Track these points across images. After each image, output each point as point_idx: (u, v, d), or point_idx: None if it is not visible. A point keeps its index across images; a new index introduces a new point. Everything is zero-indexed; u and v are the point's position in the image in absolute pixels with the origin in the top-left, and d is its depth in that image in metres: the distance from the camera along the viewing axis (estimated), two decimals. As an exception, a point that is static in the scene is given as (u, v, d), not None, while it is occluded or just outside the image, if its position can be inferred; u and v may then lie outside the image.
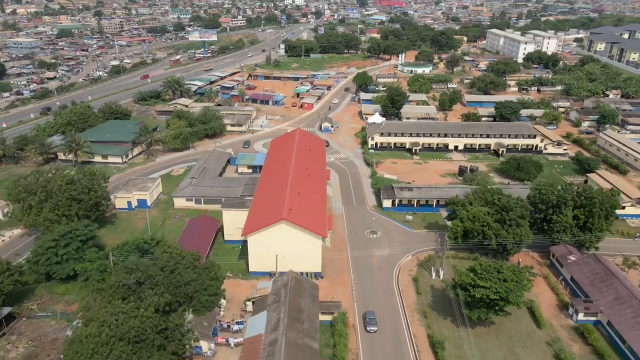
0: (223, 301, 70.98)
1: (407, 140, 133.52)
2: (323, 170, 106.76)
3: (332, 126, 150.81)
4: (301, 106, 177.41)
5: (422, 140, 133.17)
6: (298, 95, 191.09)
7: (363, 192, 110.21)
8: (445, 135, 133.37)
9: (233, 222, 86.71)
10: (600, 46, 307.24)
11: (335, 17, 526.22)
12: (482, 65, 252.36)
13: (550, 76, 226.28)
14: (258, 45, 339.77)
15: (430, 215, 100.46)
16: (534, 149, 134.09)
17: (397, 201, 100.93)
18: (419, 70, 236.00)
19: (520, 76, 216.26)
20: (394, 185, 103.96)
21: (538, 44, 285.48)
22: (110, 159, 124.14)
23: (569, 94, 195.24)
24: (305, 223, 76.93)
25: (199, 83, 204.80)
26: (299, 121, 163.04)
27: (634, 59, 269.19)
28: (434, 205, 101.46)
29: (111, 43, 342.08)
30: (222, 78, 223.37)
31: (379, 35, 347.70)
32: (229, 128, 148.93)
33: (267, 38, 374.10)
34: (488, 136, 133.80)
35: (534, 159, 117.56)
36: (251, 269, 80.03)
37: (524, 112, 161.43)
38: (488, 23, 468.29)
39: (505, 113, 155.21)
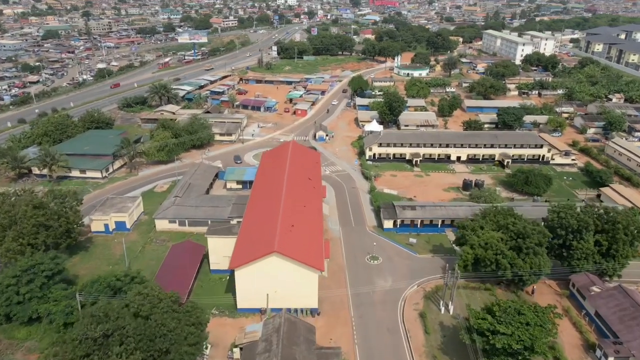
0: (207, 348, 62.07)
1: (407, 151, 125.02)
2: (318, 187, 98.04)
3: (327, 135, 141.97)
4: (294, 112, 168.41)
5: (422, 150, 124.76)
6: (291, 100, 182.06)
7: (362, 209, 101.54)
8: (447, 146, 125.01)
9: (219, 250, 77.71)
10: (598, 47, 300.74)
11: (329, 17, 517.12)
12: (480, 67, 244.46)
13: (550, 79, 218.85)
14: (250, 46, 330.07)
15: (435, 236, 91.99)
16: (540, 159, 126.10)
17: (399, 221, 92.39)
18: (416, 74, 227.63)
19: (520, 79, 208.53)
20: (395, 203, 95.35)
21: (535, 45, 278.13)
22: (89, 174, 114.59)
23: (571, 98, 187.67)
24: (300, 255, 68.11)
25: (188, 88, 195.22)
26: (293, 129, 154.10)
27: (633, 60, 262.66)
28: (439, 225, 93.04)
29: (99, 45, 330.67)
30: (212, 82, 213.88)
31: (373, 37, 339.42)
32: (217, 138, 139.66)
33: (259, 39, 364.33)
34: (492, 146, 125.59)
35: (543, 172, 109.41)
36: (239, 305, 71.09)
37: (527, 119, 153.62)
38: (482, 23, 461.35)
39: (508, 120, 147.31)
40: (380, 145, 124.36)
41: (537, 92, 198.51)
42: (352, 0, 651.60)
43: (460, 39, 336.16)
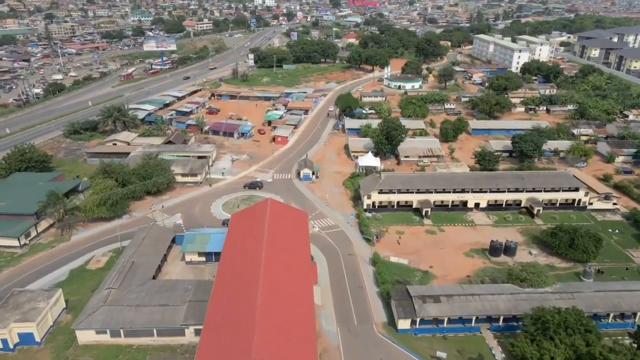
0: None
1: (414, 199, 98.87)
2: (307, 267, 71.35)
3: (313, 173, 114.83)
4: (273, 139, 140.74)
5: (433, 197, 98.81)
6: (269, 123, 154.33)
7: (365, 295, 74.87)
8: (463, 191, 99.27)
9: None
10: (595, 52, 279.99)
11: (308, 19, 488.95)
12: (476, 77, 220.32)
13: (555, 91, 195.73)
14: (224, 52, 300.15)
15: (468, 340, 66.12)
16: (576, 204, 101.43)
17: (418, 319, 66.26)
18: (408, 86, 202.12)
19: (526, 92, 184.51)
20: (411, 291, 69.00)
21: (532, 51, 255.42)
22: (3, 242, 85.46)
23: (583, 115, 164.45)
24: None
25: (150, 107, 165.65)
26: (271, 163, 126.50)
27: (635, 67, 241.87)
28: (473, 323, 67.25)
29: (58, 51, 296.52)
30: (179, 99, 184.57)
31: (357, 41, 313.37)
32: (179, 179, 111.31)
33: (235, 44, 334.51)
34: (517, 189, 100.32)
35: (592, 232, 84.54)
36: None
37: (546, 145, 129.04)
38: (467, 25, 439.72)
39: (526, 149, 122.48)
40: (381, 192, 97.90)
41: (544, 107, 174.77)
42: (332, 1, 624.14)
43: (449, 43, 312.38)
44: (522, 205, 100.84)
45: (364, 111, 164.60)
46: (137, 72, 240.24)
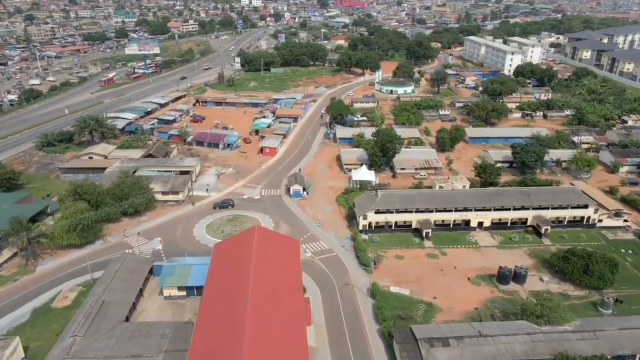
0: None
1: (413, 218, 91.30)
2: (300, 305, 63.31)
3: (304, 189, 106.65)
4: (261, 151, 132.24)
5: (434, 216, 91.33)
6: (257, 132, 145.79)
7: (364, 334, 66.90)
8: (466, 209, 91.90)
9: None
10: (586, 54, 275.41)
11: (296, 20, 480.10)
12: (469, 81, 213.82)
13: (550, 95, 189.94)
14: (210, 55, 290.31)
15: (482, 389, 58.63)
16: (584, 222, 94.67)
17: (426, 366, 58.59)
18: (400, 90, 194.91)
19: (522, 97, 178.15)
20: (416, 333, 61.29)
21: (524, 53, 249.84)
22: (-41, 276, 76.17)
23: (581, 121, 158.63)
24: None
25: (130, 115, 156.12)
26: (259, 177, 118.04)
27: (629, 69, 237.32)
28: (486, 368, 59.76)
29: (37, 54, 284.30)
30: (162, 105, 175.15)
31: (346, 43, 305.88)
32: (160, 197, 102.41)
33: (222, 46, 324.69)
34: (523, 207, 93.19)
35: (607, 256, 77.66)
36: None
37: (548, 155, 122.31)
38: (456, 25, 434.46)
39: (527, 160, 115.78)
40: (378, 212, 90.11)
41: (541, 113, 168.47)
42: (320, 1, 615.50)
43: (439, 45, 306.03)
44: (528, 223, 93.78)
45: (355, 118, 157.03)
46: (119, 77, 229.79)
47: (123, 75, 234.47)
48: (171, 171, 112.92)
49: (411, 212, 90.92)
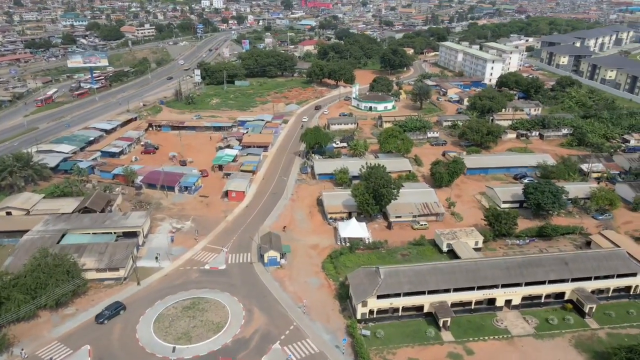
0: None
1: (425, 301, 69.97)
2: None
3: (281, 256, 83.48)
4: (226, 194, 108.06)
5: (451, 297, 70.32)
6: (220, 167, 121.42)
7: None
8: (492, 286, 71.28)
9: None
10: (563, 60, 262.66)
11: (260, 23, 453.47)
12: (452, 93, 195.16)
13: (540, 109, 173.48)
14: (167, 65, 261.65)
15: None
16: (632, 292, 75.85)
17: None
18: (380, 107, 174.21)
19: (514, 115, 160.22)
20: None
21: (504, 60, 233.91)
22: None
23: (581, 141, 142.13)
24: None
25: (67, 148, 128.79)
26: (225, 233, 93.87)
27: (611, 77, 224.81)
28: None
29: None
30: (108, 132, 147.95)
31: (315, 50, 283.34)
32: (93, 275, 77.25)
33: (181, 54, 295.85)
34: (561, 279, 73.33)
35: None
36: None
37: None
38: (424, 27, 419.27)
39: (544, 203, 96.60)
40: (380, 297, 68.20)
41: (537, 132, 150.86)
42: (284, 2, 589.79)
43: (412, 51, 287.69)
44: (566, 297, 74.12)
45: (335, 145, 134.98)
46: (61, 93, 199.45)
47: (66, 91, 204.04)
48: (112, 233, 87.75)
49: (422, 293, 69.51)
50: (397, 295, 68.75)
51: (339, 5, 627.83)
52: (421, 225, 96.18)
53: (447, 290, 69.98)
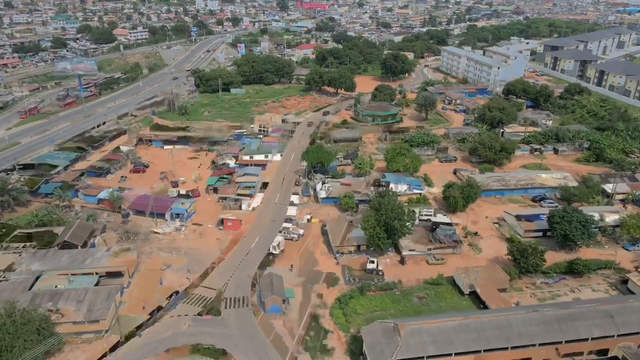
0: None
1: (453, 364, 60.33)
2: None
3: (283, 302, 73.46)
4: (221, 223, 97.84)
5: (482, 359, 60.57)
6: (215, 190, 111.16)
7: None
8: (530, 344, 61.64)
9: None
10: (568, 64, 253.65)
11: (256, 25, 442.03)
12: (457, 101, 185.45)
13: (551, 121, 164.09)
14: (160, 71, 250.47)
15: None
16: (681, 345, 66.46)
17: None
18: (383, 118, 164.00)
19: (527, 127, 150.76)
20: None
21: (510, 66, 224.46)
22: None
23: (599, 157, 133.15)
24: None
25: (52, 165, 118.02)
26: (221, 272, 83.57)
27: (619, 83, 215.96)
28: None
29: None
30: (95, 147, 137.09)
31: (313, 55, 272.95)
32: (69, 328, 66.91)
33: (175, 58, 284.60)
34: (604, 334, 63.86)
35: None
36: None
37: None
38: (422, 29, 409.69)
39: (572, 234, 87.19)
40: (403, 360, 58.51)
41: (551, 146, 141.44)
42: (279, 4, 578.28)
43: (412, 55, 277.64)
44: (611, 354, 64.65)
45: (337, 164, 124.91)
46: (48, 103, 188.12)
47: (53, 100, 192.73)
48: (94, 273, 77.53)
49: (449, 355, 59.78)
50: (420, 358, 58.96)
51: (335, 6, 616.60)
52: (437, 260, 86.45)
53: (476, 351, 60.29)
